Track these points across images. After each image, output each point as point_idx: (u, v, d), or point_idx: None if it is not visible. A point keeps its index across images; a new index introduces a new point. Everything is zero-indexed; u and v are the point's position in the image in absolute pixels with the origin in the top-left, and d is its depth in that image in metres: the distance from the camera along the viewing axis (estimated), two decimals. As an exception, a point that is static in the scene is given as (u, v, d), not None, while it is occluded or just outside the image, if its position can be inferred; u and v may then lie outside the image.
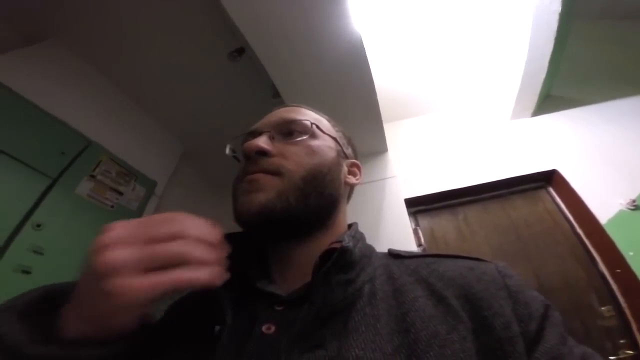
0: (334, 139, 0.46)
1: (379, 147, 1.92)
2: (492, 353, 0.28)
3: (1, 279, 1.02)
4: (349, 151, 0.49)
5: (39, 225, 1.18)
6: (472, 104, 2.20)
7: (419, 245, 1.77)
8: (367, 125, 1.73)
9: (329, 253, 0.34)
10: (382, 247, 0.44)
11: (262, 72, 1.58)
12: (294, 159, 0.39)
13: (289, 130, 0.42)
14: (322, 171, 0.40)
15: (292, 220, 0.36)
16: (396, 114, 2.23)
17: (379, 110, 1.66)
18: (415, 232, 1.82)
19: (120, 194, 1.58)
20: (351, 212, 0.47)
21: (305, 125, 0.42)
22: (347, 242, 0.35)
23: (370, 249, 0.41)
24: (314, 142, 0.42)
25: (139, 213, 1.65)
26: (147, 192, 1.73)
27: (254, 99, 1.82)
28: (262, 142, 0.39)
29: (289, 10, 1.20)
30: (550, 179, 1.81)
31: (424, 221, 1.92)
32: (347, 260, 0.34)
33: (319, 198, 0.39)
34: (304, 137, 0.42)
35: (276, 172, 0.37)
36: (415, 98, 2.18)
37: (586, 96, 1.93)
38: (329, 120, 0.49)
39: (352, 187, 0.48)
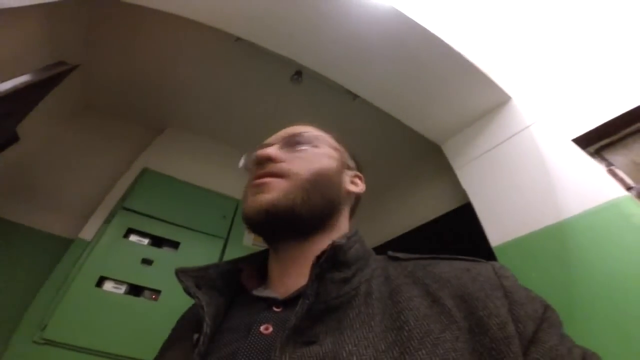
0: (336, 150, 0.50)
1: (498, 97, 1.48)
2: (487, 353, 0.27)
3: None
4: (351, 163, 0.52)
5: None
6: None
7: (629, 188, 1.18)
8: (469, 80, 1.42)
9: (325, 252, 0.35)
10: (568, 209, 0.32)
11: (330, 83, 1.64)
12: (298, 163, 0.43)
13: (295, 142, 0.47)
14: (325, 176, 0.43)
15: (296, 219, 0.39)
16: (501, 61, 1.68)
17: (465, 59, 1.31)
18: (612, 172, 1.23)
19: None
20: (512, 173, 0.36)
21: (308, 137, 0.48)
22: (341, 240, 0.35)
23: (369, 252, 0.42)
24: (317, 151, 0.46)
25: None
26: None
27: (334, 106, 1.92)
28: (271, 150, 0.44)
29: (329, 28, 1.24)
30: None
31: (618, 157, 1.28)
32: (341, 259, 0.35)
33: (321, 200, 0.41)
34: (308, 147, 0.46)
35: (282, 175, 0.41)
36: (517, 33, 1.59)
37: None
38: (333, 137, 0.53)
39: (356, 196, 0.50)
